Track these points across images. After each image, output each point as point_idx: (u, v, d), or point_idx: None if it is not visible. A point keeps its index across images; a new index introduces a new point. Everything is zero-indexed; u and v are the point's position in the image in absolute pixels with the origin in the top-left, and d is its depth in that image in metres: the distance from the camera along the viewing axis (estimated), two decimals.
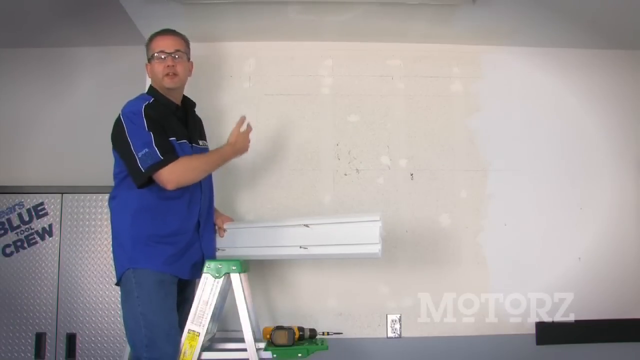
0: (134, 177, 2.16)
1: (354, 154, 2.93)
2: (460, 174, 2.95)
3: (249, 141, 2.46)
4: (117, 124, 2.20)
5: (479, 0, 2.50)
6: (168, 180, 2.14)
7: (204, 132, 2.54)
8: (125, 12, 2.62)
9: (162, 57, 2.28)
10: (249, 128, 2.46)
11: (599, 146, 3.03)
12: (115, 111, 2.23)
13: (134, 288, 2.14)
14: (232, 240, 2.44)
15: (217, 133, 2.75)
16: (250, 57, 2.97)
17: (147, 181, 2.15)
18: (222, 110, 2.90)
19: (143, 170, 2.12)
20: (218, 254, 2.44)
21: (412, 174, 2.94)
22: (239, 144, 2.41)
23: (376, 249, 2.25)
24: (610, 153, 3.03)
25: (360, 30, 2.87)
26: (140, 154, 2.12)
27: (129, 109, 2.19)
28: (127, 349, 2.29)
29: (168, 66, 2.27)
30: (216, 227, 2.49)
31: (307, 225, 2.34)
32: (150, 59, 2.32)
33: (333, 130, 2.95)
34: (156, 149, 2.12)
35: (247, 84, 2.96)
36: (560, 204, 2.96)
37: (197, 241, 2.31)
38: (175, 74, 2.29)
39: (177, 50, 2.31)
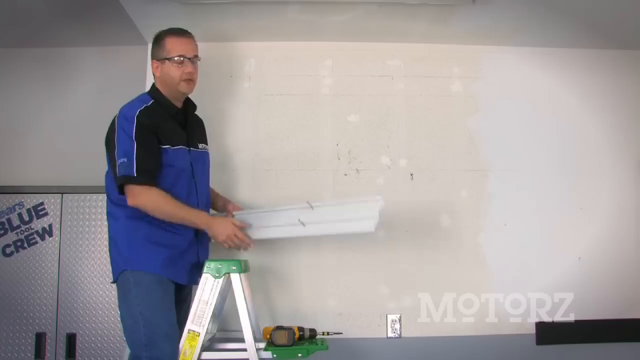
0: (115, 182, 2.16)
1: (354, 154, 2.93)
2: (460, 174, 2.95)
3: (228, 237, 2.27)
4: (111, 125, 2.20)
5: (479, 0, 2.50)
6: (130, 198, 2.13)
7: (205, 135, 2.53)
8: (125, 12, 2.62)
9: (181, 60, 2.26)
10: (248, 241, 2.31)
11: (598, 146, 3.03)
12: (114, 111, 2.23)
13: (132, 287, 2.14)
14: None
15: (217, 133, 2.76)
16: (250, 57, 2.97)
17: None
18: (222, 110, 2.90)
19: (118, 176, 2.13)
20: None
21: (412, 174, 2.94)
22: (218, 232, 2.25)
23: (371, 224, 2.22)
24: (610, 153, 3.03)
25: (360, 30, 2.87)
26: (119, 161, 2.12)
27: (124, 113, 2.18)
28: (127, 350, 2.29)
29: (189, 72, 2.26)
30: (226, 214, 2.49)
31: (311, 206, 2.32)
32: (164, 59, 2.27)
33: (333, 130, 2.94)
34: (134, 162, 2.10)
35: (247, 84, 2.96)
36: (560, 204, 2.96)
37: (194, 245, 2.30)
38: (192, 80, 2.28)
39: (196, 56, 2.30)
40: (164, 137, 2.20)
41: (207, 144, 2.50)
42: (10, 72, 3.29)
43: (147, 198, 2.14)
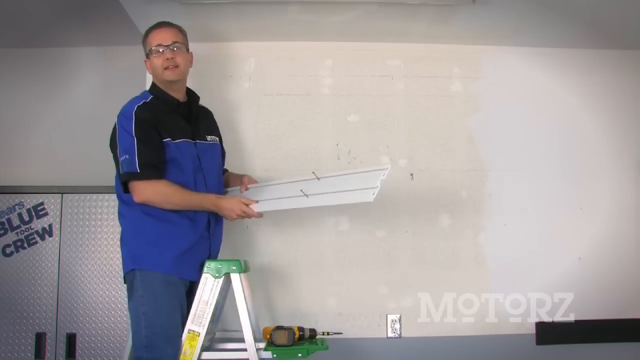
0: (119, 179, 2.16)
1: (354, 154, 2.93)
2: (460, 174, 2.95)
3: (238, 215, 2.27)
4: (114, 127, 2.19)
5: (479, 0, 2.50)
6: (136, 195, 2.12)
7: (215, 126, 2.50)
8: (125, 12, 2.62)
9: (160, 50, 2.25)
10: (256, 214, 2.28)
11: (598, 146, 3.03)
12: (115, 111, 2.23)
13: (139, 287, 2.12)
14: (249, 196, 2.39)
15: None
16: (250, 57, 2.97)
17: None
18: (222, 110, 2.89)
19: (122, 174, 2.12)
20: None
21: (412, 174, 2.94)
22: (228, 212, 2.26)
23: (370, 193, 2.13)
24: (610, 153, 3.03)
25: (360, 30, 2.87)
26: (121, 159, 2.11)
27: (123, 111, 2.18)
28: (127, 350, 2.29)
29: (167, 59, 2.24)
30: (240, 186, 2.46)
31: (317, 177, 2.28)
32: (148, 54, 2.29)
33: (333, 130, 2.94)
34: (136, 158, 2.09)
35: (247, 84, 2.96)
36: (560, 204, 2.96)
37: (206, 240, 2.29)
38: (176, 66, 2.25)
39: (175, 42, 2.27)
40: (164, 131, 2.19)
41: (218, 135, 2.47)
42: (10, 72, 3.29)
43: (152, 191, 2.12)
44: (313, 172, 2.30)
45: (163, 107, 2.25)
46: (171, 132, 2.21)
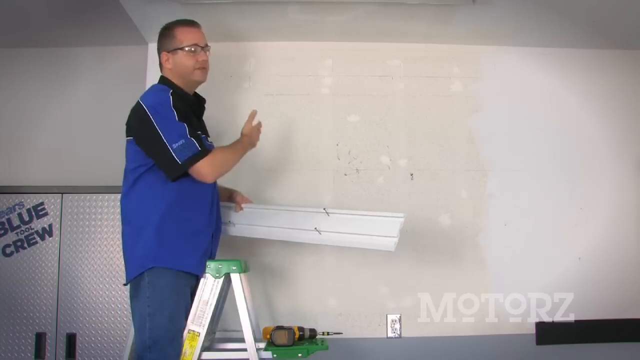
0: (168, 171, 2.07)
1: (354, 154, 2.93)
2: (460, 174, 2.95)
3: (258, 136, 2.43)
4: (140, 116, 2.10)
5: (479, 0, 2.50)
6: (208, 173, 2.10)
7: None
8: (125, 12, 2.62)
9: (193, 49, 2.23)
10: (260, 124, 2.43)
11: (599, 146, 3.03)
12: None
13: (146, 287, 2.09)
14: (246, 218, 2.41)
15: (217, 133, 2.75)
16: (250, 57, 2.97)
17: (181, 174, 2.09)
18: (221, 110, 2.90)
19: (180, 162, 2.04)
20: (229, 228, 2.43)
21: (412, 174, 2.94)
22: (253, 137, 2.39)
23: (391, 243, 2.20)
24: (610, 153, 3.03)
25: (360, 30, 2.87)
26: (175, 146, 2.04)
27: (156, 100, 2.11)
28: (127, 350, 2.29)
29: (203, 60, 2.26)
30: (234, 204, 2.49)
31: (326, 212, 2.30)
32: (176, 49, 2.23)
33: (333, 130, 2.95)
34: (194, 140, 2.06)
35: (247, 84, 2.96)
36: (560, 204, 2.97)
37: (212, 240, 2.29)
38: (205, 69, 2.28)
39: (207, 45, 2.29)
40: (191, 124, 2.16)
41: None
42: (10, 72, 3.29)
43: (219, 162, 2.15)
44: (324, 209, 2.33)
45: (184, 102, 2.22)
46: (194, 126, 2.19)
